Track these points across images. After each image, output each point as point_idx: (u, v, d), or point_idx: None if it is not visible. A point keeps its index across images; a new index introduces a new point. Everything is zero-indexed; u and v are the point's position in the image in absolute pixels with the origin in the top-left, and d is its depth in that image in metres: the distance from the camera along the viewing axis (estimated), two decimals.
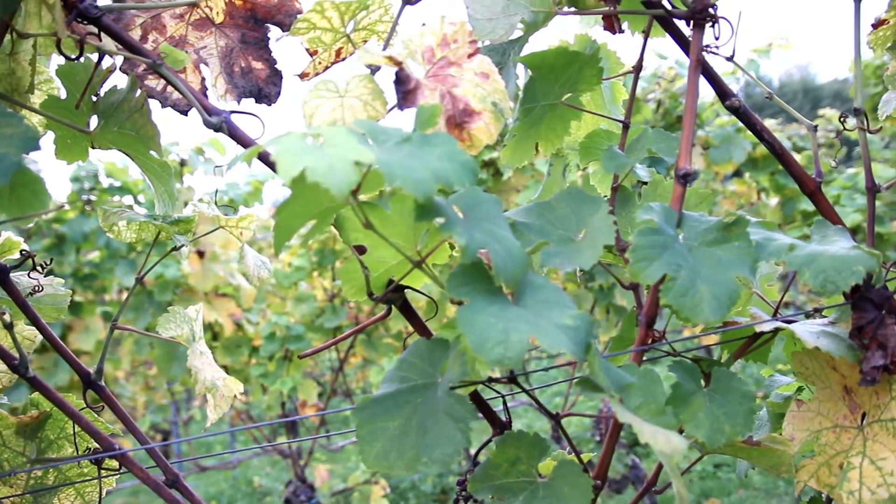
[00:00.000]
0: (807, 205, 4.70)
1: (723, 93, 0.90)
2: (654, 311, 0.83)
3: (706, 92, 4.54)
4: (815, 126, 0.99)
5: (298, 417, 0.91)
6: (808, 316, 0.96)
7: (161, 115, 1.34)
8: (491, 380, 0.79)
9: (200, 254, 3.75)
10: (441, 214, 0.66)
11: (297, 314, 4.14)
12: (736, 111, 0.90)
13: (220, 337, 3.88)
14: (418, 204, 0.65)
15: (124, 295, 4.23)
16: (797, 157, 4.47)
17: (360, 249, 0.82)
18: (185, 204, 1.15)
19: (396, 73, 0.76)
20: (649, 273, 0.73)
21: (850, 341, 0.88)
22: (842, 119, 0.97)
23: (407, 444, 0.73)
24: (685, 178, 0.80)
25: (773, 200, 5.28)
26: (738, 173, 5.65)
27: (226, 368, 3.92)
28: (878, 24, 1.10)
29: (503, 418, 0.89)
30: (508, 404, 0.91)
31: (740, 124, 4.44)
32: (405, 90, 0.75)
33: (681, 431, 0.92)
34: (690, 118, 0.82)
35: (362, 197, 0.84)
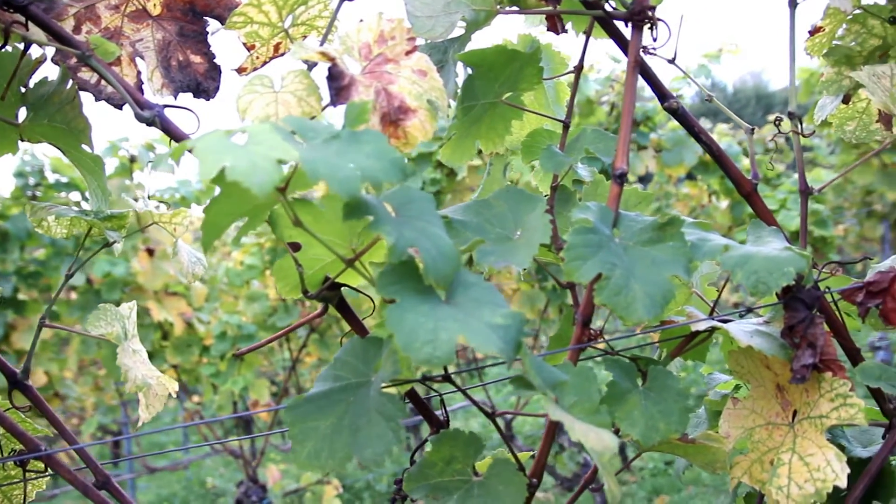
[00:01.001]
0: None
1: (661, 94, 0.91)
2: (590, 310, 0.83)
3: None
4: (752, 129, 1.00)
5: (248, 413, 0.90)
6: (741, 316, 0.98)
7: (113, 112, 1.31)
8: (425, 378, 0.79)
9: (150, 251, 3.68)
10: (370, 212, 0.65)
11: (249, 313, 4.09)
12: (674, 113, 0.91)
13: (170, 336, 3.82)
14: (346, 202, 0.64)
15: (72, 294, 4.14)
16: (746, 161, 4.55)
17: (295, 247, 0.81)
18: (136, 200, 1.13)
19: (329, 69, 0.75)
20: (583, 272, 0.74)
21: (783, 340, 0.89)
22: (776, 122, 0.99)
23: (339, 443, 0.72)
24: (622, 178, 0.80)
25: (724, 203, 5.37)
26: (690, 176, 5.73)
27: (176, 368, 3.86)
28: (814, 32, 1.12)
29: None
30: (463, 404, 0.91)
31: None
32: (338, 86, 0.74)
33: (617, 432, 0.92)
34: (627, 118, 0.83)
35: (299, 194, 0.83)
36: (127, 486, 6.10)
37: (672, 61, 1.02)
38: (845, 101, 1.15)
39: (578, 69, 0.97)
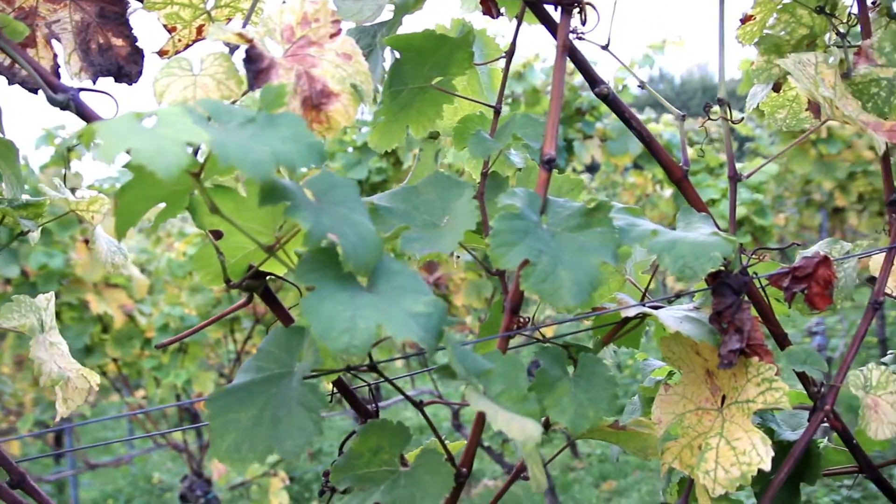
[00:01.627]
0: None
1: (592, 80, 0.91)
2: (519, 298, 0.82)
3: (611, 81, 4.62)
4: (683, 116, 1.01)
5: (181, 403, 0.87)
6: (670, 301, 0.98)
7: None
8: (350, 368, 0.77)
9: (88, 242, 3.58)
10: (287, 197, 0.63)
11: (193, 304, 4.01)
12: (605, 98, 0.90)
13: (110, 329, 3.73)
14: (261, 187, 0.62)
15: (7, 287, 4.01)
16: (690, 151, 4.61)
17: (216, 234, 0.78)
18: (73, 191, 1.09)
19: (247, 52, 0.73)
20: (509, 258, 0.73)
21: (711, 326, 0.90)
22: (706, 109, 0.99)
23: (259, 435, 0.70)
24: (550, 164, 0.80)
25: (667, 192, 5.44)
26: (637, 165, 5.80)
27: (116, 362, 3.78)
28: (745, 20, 1.13)
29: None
30: (408, 393, 0.90)
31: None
32: (257, 69, 0.72)
33: (548, 424, 0.92)
34: (556, 103, 0.82)
35: (220, 180, 0.81)
36: (69, 484, 5.96)
37: (606, 47, 1.02)
38: (776, 89, 1.17)
39: (510, 54, 0.96)
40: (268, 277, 0.84)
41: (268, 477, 3.85)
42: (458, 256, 1.01)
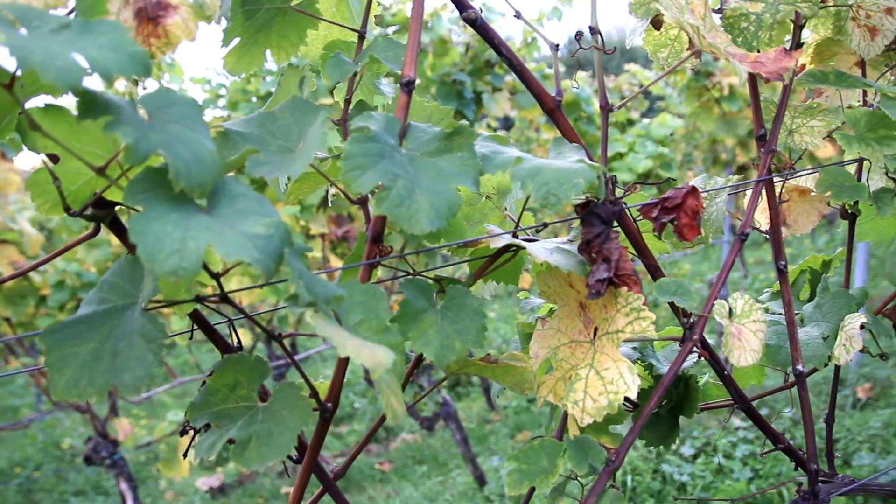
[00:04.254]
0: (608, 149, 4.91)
1: (460, 5, 0.88)
2: (380, 226, 0.80)
3: (519, 34, 4.61)
4: (557, 45, 0.99)
5: None
6: (538, 231, 0.97)
7: None
8: (199, 299, 0.74)
9: None
10: (110, 112, 0.59)
11: (90, 260, 3.85)
12: (472, 23, 0.87)
13: (0, 287, 3.56)
14: (79, 100, 0.57)
15: None
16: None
17: (53, 158, 0.73)
18: None
19: None
20: (362, 182, 0.70)
21: (581, 257, 0.89)
22: (577, 37, 0.97)
23: (99, 369, 0.66)
24: (409, 87, 0.77)
25: None
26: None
27: (9, 321, 3.61)
28: None
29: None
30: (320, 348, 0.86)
31: (548, 71, 4.55)
32: None
33: (420, 358, 0.90)
34: (416, 25, 0.79)
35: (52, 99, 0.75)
36: None
37: None
38: (657, 26, 1.16)
39: None
40: (116, 208, 0.79)
41: (176, 436, 3.77)
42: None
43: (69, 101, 0.68)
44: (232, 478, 5.87)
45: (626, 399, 1.19)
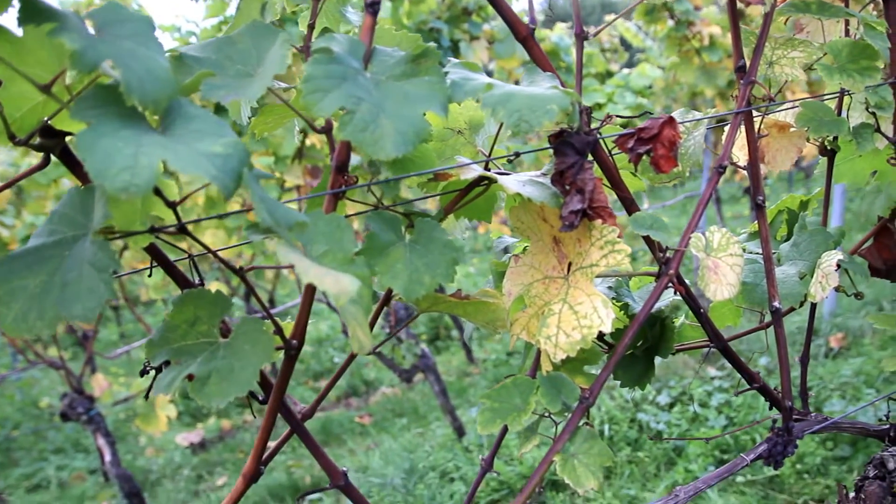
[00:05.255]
0: (586, 100, 4.86)
1: None
2: (345, 155, 0.76)
3: None
4: None
5: None
6: (510, 161, 0.95)
7: None
8: (154, 230, 0.70)
9: None
10: (56, 19, 0.55)
11: None
12: None
13: None
14: (21, 4, 0.53)
15: None
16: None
17: None
18: None
19: None
20: (323, 106, 0.67)
21: (555, 189, 0.86)
22: None
23: (48, 302, 0.63)
24: (374, 7, 0.73)
25: None
26: None
27: None
28: None
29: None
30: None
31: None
32: None
33: (388, 292, 0.87)
34: None
35: None
36: None
37: None
38: None
39: None
40: (68, 139, 0.75)
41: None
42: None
43: (12, 22, 0.64)
44: (212, 433, 5.89)
45: (602, 339, 1.18)
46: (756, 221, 1.11)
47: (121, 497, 3.78)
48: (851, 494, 1.29)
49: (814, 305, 1.35)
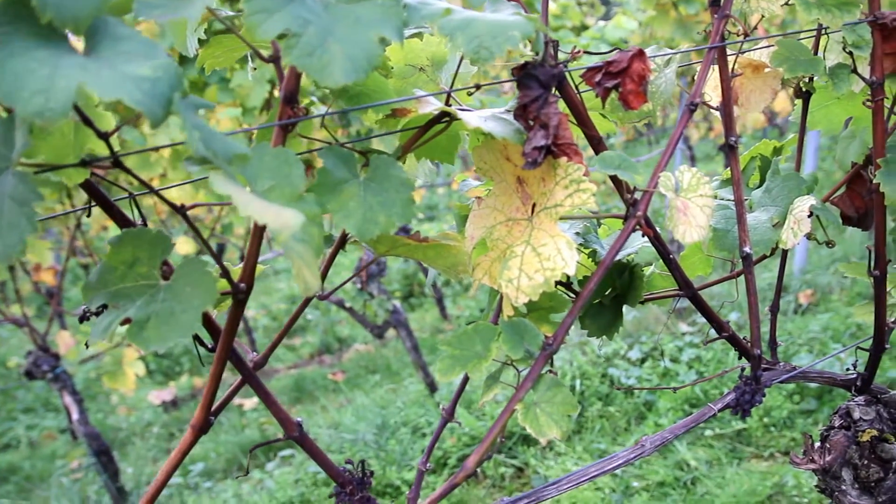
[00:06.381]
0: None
1: None
2: (294, 85, 0.72)
3: None
4: None
5: None
6: (470, 94, 0.90)
7: None
8: (86, 163, 0.65)
9: None
10: None
11: None
12: None
13: None
14: None
15: None
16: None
17: None
18: None
19: None
20: (266, 27, 0.62)
21: (519, 125, 0.82)
22: None
23: None
24: None
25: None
26: None
27: None
28: None
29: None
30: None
31: None
32: None
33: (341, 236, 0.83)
34: None
35: None
36: None
37: None
38: None
39: None
40: None
41: (121, 348, 3.70)
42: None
43: None
44: (185, 391, 5.85)
45: (570, 288, 1.15)
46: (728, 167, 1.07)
47: (90, 455, 3.74)
48: (817, 444, 1.29)
49: (785, 254, 1.33)
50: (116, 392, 5.77)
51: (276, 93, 4.06)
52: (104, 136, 0.65)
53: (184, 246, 4.95)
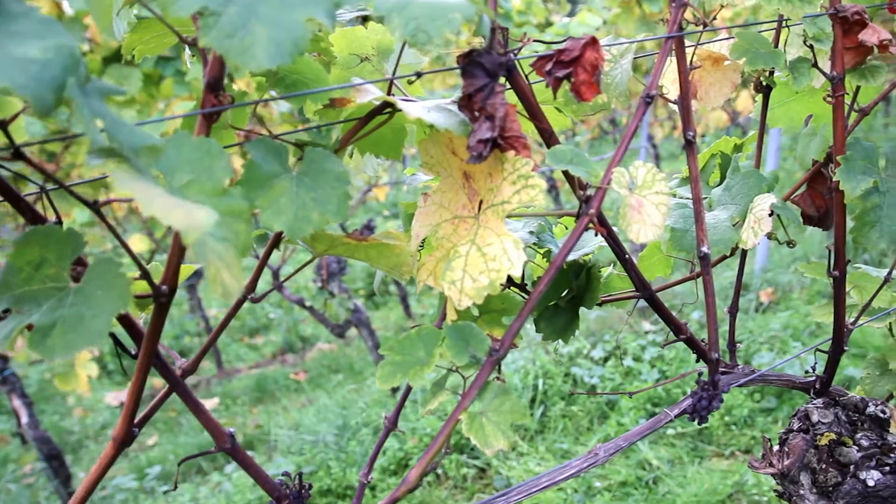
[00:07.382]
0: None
1: None
2: (218, 70, 0.66)
3: None
4: None
5: None
6: (419, 76, 0.85)
7: None
8: None
9: None
10: None
11: None
12: None
13: None
14: None
15: None
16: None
17: None
18: None
19: None
20: (181, 4, 0.56)
21: (464, 115, 0.77)
22: None
23: None
24: None
25: None
26: None
27: None
28: None
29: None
30: None
31: None
32: None
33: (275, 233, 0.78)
34: None
35: None
36: None
37: None
38: None
39: None
40: None
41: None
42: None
43: None
44: (144, 392, 5.71)
45: (524, 290, 1.10)
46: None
47: (40, 459, 3.63)
48: (776, 447, 1.26)
49: (744, 255, 1.30)
50: (73, 393, 5.63)
51: (235, 86, 3.97)
52: (2, 125, 0.59)
53: (138, 244, 4.83)
